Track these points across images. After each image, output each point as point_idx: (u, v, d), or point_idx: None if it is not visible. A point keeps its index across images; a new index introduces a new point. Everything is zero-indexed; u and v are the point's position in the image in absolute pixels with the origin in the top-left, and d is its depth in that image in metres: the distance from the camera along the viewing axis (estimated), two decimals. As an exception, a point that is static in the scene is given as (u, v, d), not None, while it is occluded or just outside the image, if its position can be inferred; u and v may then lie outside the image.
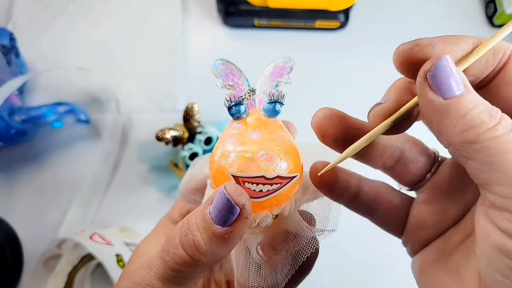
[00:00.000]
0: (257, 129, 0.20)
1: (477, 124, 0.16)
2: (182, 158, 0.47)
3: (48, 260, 0.45)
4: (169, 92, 0.57)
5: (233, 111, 0.20)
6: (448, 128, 0.17)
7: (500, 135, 0.16)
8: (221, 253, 0.19)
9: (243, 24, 0.61)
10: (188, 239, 0.19)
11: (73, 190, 0.51)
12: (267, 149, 0.19)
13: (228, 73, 0.21)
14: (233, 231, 0.18)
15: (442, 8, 0.64)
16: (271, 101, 0.21)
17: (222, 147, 0.20)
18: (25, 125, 0.49)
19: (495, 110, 0.17)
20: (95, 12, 0.61)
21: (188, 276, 0.19)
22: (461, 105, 0.17)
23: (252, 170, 0.19)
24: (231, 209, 0.18)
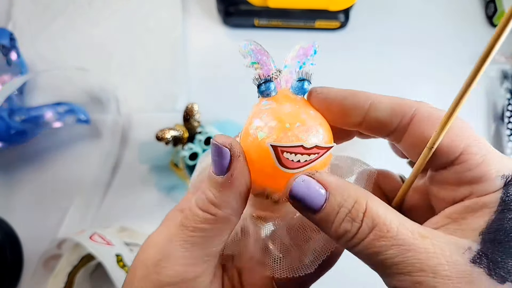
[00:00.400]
0: (288, 104, 0.20)
1: (342, 235, 0.18)
2: (182, 158, 0.47)
3: (48, 260, 0.45)
4: (169, 92, 0.57)
5: (263, 88, 0.21)
6: (330, 237, 0.19)
7: (362, 242, 0.17)
8: (232, 201, 0.19)
9: (243, 24, 0.61)
10: (201, 199, 0.20)
11: (73, 190, 0.51)
12: (303, 121, 0.20)
13: (256, 53, 0.21)
14: (233, 174, 0.19)
15: (442, 8, 0.64)
16: (300, 79, 0.21)
17: (257, 121, 0.20)
18: (25, 125, 0.49)
19: (357, 209, 0.18)
20: (95, 12, 0.61)
21: (209, 234, 0.20)
22: (327, 218, 0.18)
23: (290, 140, 0.19)
24: (222, 153, 0.19)
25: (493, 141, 0.56)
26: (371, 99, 0.20)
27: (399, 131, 0.20)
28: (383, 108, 0.20)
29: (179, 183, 0.52)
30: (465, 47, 0.61)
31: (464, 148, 0.19)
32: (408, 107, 0.20)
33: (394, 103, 0.20)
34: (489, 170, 0.18)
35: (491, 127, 0.57)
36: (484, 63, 0.16)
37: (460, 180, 0.19)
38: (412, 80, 0.59)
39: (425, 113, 0.20)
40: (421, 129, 0.20)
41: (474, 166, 0.18)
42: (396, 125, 0.20)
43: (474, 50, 0.61)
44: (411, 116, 0.20)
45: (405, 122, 0.20)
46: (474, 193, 0.18)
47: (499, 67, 0.59)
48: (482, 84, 0.59)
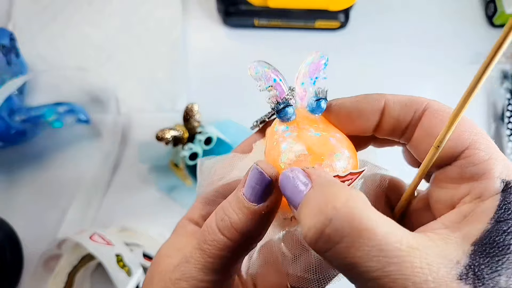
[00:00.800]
0: (311, 129, 0.20)
1: (309, 230, 0.16)
2: (182, 158, 0.47)
3: (48, 260, 0.45)
4: (169, 92, 0.57)
5: (282, 114, 0.20)
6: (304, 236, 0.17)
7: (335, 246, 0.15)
8: (258, 231, 0.19)
9: (243, 24, 0.61)
10: (225, 223, 0.19)
11: (73, 190, 0.51)
12: (332, 148, 0.19)
13: (267, 74, 0.21)
14: (269, 205, 0.18)
15: (442, 8, 0.64)
16: (317, 98, 0.21)
17: (285, 152, 0.19)
18: (25, 125, 0.49)
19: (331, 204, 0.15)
20: (95, 12, 0.61)
21: (229, 261, 0.19)
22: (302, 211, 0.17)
23: (325, 171, 0.19)
24: (264, 182, 0.18)
25: (493, 141, 0.56)
26: (385, 98, 0.20)
27: (411, 126, 0.20)
28: (397, 105, 0.20)
29: (179, 183, 0.52)
30: (465, 47, 0.61)
31: (470, 143, 0.18)
32: (420, 102, 0.20)
33: (407, 99, 0.20)
34: (492, 169, 0.17)
35: (491, 127, 0.57)
36: (495, 57, 0.16)
37: (462, 176, 0.18)
38: (412, 80, 0.59)
39: (435, 107, 0.20)
40: (432, 123, 0.19)
41: (478, 161, 0.18)
42: (409, 120, 0.20)
43: (474, 50, 0.61)
44: (423, 109, 0.20)
45: (417, 117, 0.20)
46: (472, 191, 0.18)
47: (499, 67, 0.59)
48: (482, 84, 0.59)
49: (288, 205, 0.20)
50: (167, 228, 0.49)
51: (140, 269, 0.41)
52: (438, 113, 0.19)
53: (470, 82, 0.17)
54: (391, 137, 0.21)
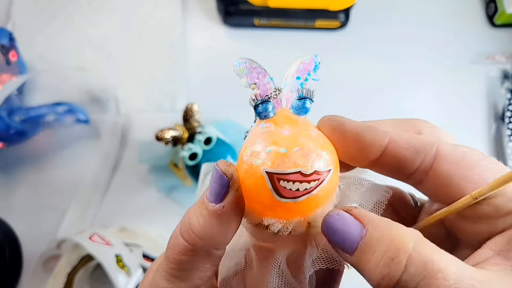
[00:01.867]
0: (287, 126, 0.19)
1: (382, 278, 0.15)
2: (182, 158, 0.47)
3: (48, 260, 0.45)
4: (169, 92, 0.57)
5: (260, 109, 0.19)
6: (369, 282, 0.16)
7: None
8: (216, 235, 0.18)
9: (243, 24, 0.61)
10: (185, 225, 0.18)
11: (73, 190, 0.51)
12: (302, 144, 0.18)
13: (251, 72, 0.20)
14: (225, 206, 0.18)
15: (442, 8, 0.64)
16: (300, 97, 0.19)
17: (252, 146, 0.18)
18: (25, 125, 0.49)
19: (400, 249, 0.15)
20: (95, 12, 0.61)
21: (189, 267, 0.19)
22: (364, 257, 0.16)
23: (287, 166, 0.17)
24: (221, 181, 0.18)
25: (494, 141, 0.56)
26: (391, 135, 0.19)
27: (420, 171, 0.18)
28: (403, 145, 0.18)
29: (178, 183, 0.52)
30: (465, 47, 0.61)
31: None
32: (429, 146, 0.18)
33: (414, 142, 0.18)
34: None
35: (491, 127, 0.56)
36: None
37: (498, 213, 0.18)
38: (412, 80, 0.59)
39: (447, 151, 0.18)
40: (447, 168, 0.18)
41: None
42: (418, 165, 0.18)
43: (474, 50, 0.60)
44: (434, 154, 0.18)
45: (429, 160, 0.18)
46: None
47: (499, 67, 0.59)
48: (482, 84, 0.59)
49: (256, 213, 0.19)
50: (167, 228, 0.49)
51: (139, 270, 0.41)
52: (451, 157, 0.18)
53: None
54: (390, 176, 0.20)
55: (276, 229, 0.19)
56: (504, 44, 0.61)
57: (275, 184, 0.17)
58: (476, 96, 0.58)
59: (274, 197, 0.17)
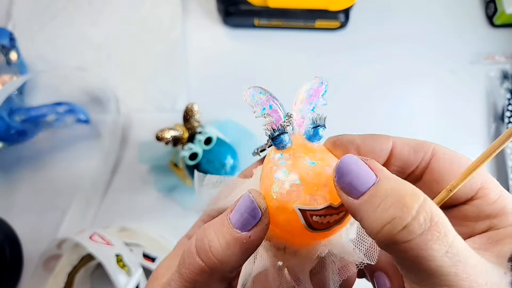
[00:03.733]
0: (306, 156, 0.19)
1: (388, 222, 0.16)
2: (182, 158, 0.47)
3: (48, 260, 0.45)
4: (169, 92, 0.57)
5: (278, 141, 0.20)
6: (368, 227, 0.17)
7: (415, 238, 0.15)
8: (236, 261, 0.18)
9: (243, 24, 0.61)
10: (203, 245, 0.18)
11: (73, 190, 0.51)
12: (327, 178, 0.19)
13: (263, 101, 0.20)
14: (252, 236, 0.18)
15: (442, 8, 0.64)
16: (314, 125, 0.20)
17: (279, 182, 0.19)
18: (25, 125, 0.49)
19: (412, 198, 0.16)
20: (95, 12, 0.61)
21: (203, 286, 0.19)
22: (372, 200, 0.16)
23: (318, 202, 0.18)
24: (254, 212, 0.18)
25: (493, 141, 0.56)
26: (392, 140, 0.21)
27: (419, 170, 0.21)
28: (405, 148, 0.21)
29: (179, 183, 0.52)
30: (465, 47, 0.61)
31: (482, 184, 0.19)
32: (427, 146, 0.21)
33: (414, 143, 0.21)
34: (507, 205, 0.19)
35: (491, 127, 0.57)
36: None
37: (479, 214, 0.19)
38: (412, 80, 0.59)
39: (442, 151, 0.21)
40: (441, 167, 0.20)
41: (493, 200, 0.19)
42: (417, 165, 0.21)
43: (474, 50, 0.61)
44: (430, 155, 0.20)
45: (427, 159, 0.20)
46: (493, 227, 0.19)
47: (499, 67, 0.59)
48: (482, 84, 0.59)
49: (282, 239, 0.20)
50: (167, 228, 0.49)
51: (140, 269, 0.41)
52: (446, 157, 0.20)
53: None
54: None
55: (301, 254, 0.20)
56: (504, 44, 0.61)
57: (307, 219, 0.18)
58: (475, 96, 0.58)
59: (307, 230, 0.18)
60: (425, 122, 0.57)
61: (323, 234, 0.19)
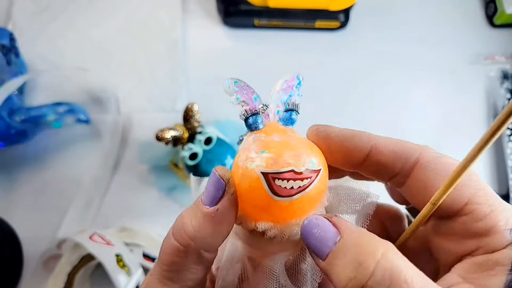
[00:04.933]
0: (277, 134, 0.20)
1: (347, 283, 0.15)
2: (182, 158, 0.47)
3: (48, 260, 0.45)
4: (169, 92, 0.57)
5: (250, 121, 0.21)
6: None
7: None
8: (208, 237, 0.18)
9: (243, 24, 0.61)
10: (178, 226, 0.19)
11: (73, 190, 0.51)
12: (292, 147, 0.19)
13: (240, 90, 0.21)
14: (219, 209, 0.18)
15: (442, 8, 0.64)
16: (287, 109, 0.21)
17: (246, 152, 0.19)
18: (25, 125, 0.49)
19: (370, 255, 0.15)
20: (95, 12, 0.61)
21: (180, 268, 0.19)
22: (334, 261, 0.16)
23: (280, 166, 0.18)
24: (218, 184, 0.18)
25: (493, 141, 0.56)
26: (374, 141, 0.20)
27: (401, 175, 0.20)
28: (385, 150, 0.19)
29: (179, 183, 0.52)
30: (465, 47, 0.61)
31: (469, 198, 0.18)
32: (412, 150, 0.19)
33: (398, 146, 0.19)
34: (498, 222, 0.17)
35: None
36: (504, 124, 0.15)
37: (467, 232, 0.18)
38: (412, 80, 0.59)
39: (429, 158, 0.19)
40: (426, 175, 0.19)
41: (481, 217, 0.17)
42: (398, 169, 0.19)
43: (474, 50, 0.61)
44: (414, 160, 0.19)
45: (409, 166, 0.19)
46: (482, 247, 0.17)
47: (499, 67, 0.59)
48: (482, 84, 0.59)
49: (251, 216, 0.20)
50: (167, 228, 0.49)
51: (140, 269, 0.41)
52: (431, 165, 0.19)
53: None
54: (373, 179, 0.21)
55: (272, 235, 0.20)
56: (504, 44, 0.61)
57: (270, 183, 0.18)
58: (475, 96, 0.58)
59: (270, 197, 0.18)
60: (425, 122, 0.57)
61: (291, 208, 0.19)
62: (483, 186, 0.18)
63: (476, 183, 0.18)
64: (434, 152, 0.19)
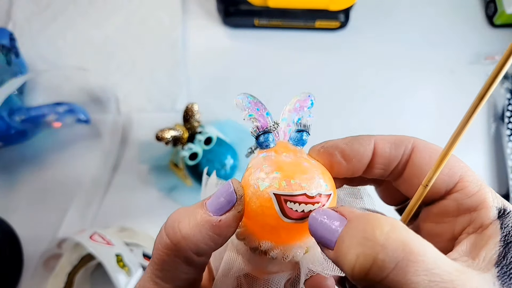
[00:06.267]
0: (288, 154, 0.20)
1: (355, 261, 0.15)
2: (182, 158, 0.47)
3: (48, 259, 0.45)
4: (169, 92, 0.57)
5: (262, 139, 0.21)
6: (346, 273, 0.16)
7: (390, 273, 0.14)
8: (201, 241, 0.18)
9: (243, 24, 0.61)
10: (172, 223, 0.18)
11: (73, 190, 0.51)
12: (304, 169, 0.19)
13: (253, 106, 0.21)
14: (222, 221, 0.18)
15: (442, 8, 0.64)
16: (298, 130, 0.21)
17: (257, 171, 0.19)
18: (25, 125, 0.49)
19: (377, 229, 0.15)
20: (95, 12, 0.61)
21: (171, 267, 0.19)
22: (342, 245, 0.16)
23: (293, 189, 0.18)
24: (230, 197, 0.18)
25: (493, 141, 0.56)
26: (374, 138, 0.21)
27: (400, 165, 0.21)
28: (386, 145, 0.21)
29: (179, 183, 0.52)
30: (465, 47, 0.61)
31: (461, 176, 0.19)
32: (407, 141, 0.21)
33: (394, 139, 0.21)
34: (486, 199, 0.19)
35: (491, 127, 0.57)
36: (481, 102, 0.17)
37: (459, 208, 0.19)
38: (412, 80, 0.59)
39: (422, 145, 0.20)
40: (422, 160, 0.20)
41: (472, 193, 0.19)
42: (399, 158, 0.21)
43: (474, 50, 0.61)
44: (410, 149, 0.20)
45: (406, 155, 0.21)
46: (474, 221, 0.19)
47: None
48: (482, 84, 0.59)
49: (258, 235, 0.20)
50: (167, 228, 0.49)
51: (140, 269, 0.41)
52: (426, 150, 0.20)
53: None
54: (379, 177, 0.22)
55: (274, 255, 0.20)
56: (504, 44, 0.61)
57: (282, 205, 0.18)
58: (475, 96, 0.58)
59: (280, 218, 0.18)
60: (425, 122, 0.57)
61: (297, 231, 0.19)
62: (470, 169, 0.20)
63: (465, 166, 0.20)
64: (425, 141, 0.21)
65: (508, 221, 0.18)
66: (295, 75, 0.58)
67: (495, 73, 0.16)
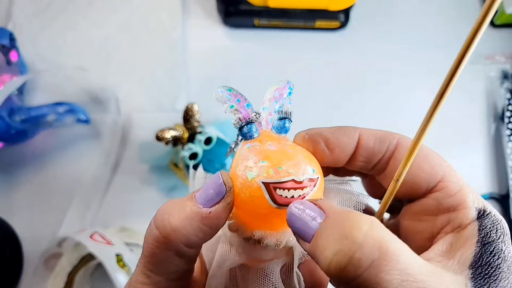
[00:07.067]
0: (272, 142, 0.20)
1: (332, 257, 0.15)
2: (182, 158, 0.47)
3: (49, 259, 0.45)
4: (169, 92, 0.57)
5: (245, 130, 0.21)
6: (322, 268, 0.16)
7: (364, 271, 0.14)
8: (191, 233, 0.18)
9: (243, 24, 0.61)
10: (162, 216, 0.18)
11: (73, 190, 0.51)
12: (290, 156, 0.19)
13: (233, 98, 0.21)
14: (212, 213, 0.18)
15: (441, 8, 0.64)
16: (280, 117, 0.21)
17: (245, 162, 0.19)
18: (25, 125, 0.49)
19: (356, 228, 0.15)
20: (95, 12, 0.61)
21: (161, 259, 0.18)
22: (319, 240, 0.16)
23: (281, 176, 0.18)
24: (219, 188, 0.18)
25: (493, 141, 0.56)
26: (358, 130, 0.21)
27: (383, 160, 0.21)
28: (371, 138, 0.21)
29: (179, 183, 0.52)
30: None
31: (443, 176, 0.19)
32: (392, 136, 0.21)
33: (380, 134, 0.21)
34: (466, 199, 0.19)
35: (491, 127, 0.57)
36: (445, 92, 0.17)
37: (439, 207, 0.19)
38: (411, 80, 0.59)
39: (406, 142, 0.21)
40: (403, 157, 0.20)
41: (453, 192, 0.19)
42: (383, 153, 0.21)
43: (474, 50, 0.60)
44: (396, 143, 0.21)
45: (390, 151, 0.21)
46: (452, 220, 0.19)
47: (499, 67, 0.59)
48: (482, 84, 0.59)
49: (250, 225, 0.20)
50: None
51: (140, 269, 0.41)
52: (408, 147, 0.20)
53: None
54: (361, 170, 0.22)
55: (268, 242, 0.20)
56: (504, 44, 0.61)
57: (271, 193, 0.18)
58: (475, 96, 0.58)
59: (270, 206, 0.18)
60: (425, 122, 0.57)
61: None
62: (453, 169, 0.20)
63: (448, 166, 0.20)
64: (409, 138, 0.21)
65: (487, 222, 0.18)
66: (295, 75, 0.58)
67: (467, 42, 0.15)
